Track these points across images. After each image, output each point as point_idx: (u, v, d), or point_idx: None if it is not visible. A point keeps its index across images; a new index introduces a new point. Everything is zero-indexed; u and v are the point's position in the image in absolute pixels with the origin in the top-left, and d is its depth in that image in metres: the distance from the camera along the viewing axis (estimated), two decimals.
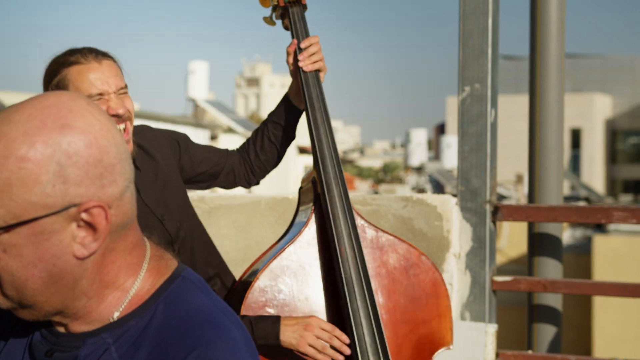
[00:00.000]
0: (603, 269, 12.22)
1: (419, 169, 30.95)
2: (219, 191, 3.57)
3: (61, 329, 1.35)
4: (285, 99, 2.95)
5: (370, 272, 2.72)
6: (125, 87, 2.55)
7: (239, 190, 3.79)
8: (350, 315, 2.59)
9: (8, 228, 1.22)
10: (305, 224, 2.75)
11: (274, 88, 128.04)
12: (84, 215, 1.24)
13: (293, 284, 2.68)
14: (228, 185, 3.05)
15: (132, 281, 1.34)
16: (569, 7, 4.17)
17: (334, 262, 2.66)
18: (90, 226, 1.25)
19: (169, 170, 2.77)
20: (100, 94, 2.47)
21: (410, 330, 2.76)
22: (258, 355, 1.37)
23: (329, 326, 2.57)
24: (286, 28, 2.97)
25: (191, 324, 1.30)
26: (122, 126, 2.51)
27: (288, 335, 2.52)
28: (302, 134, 3.14)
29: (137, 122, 2.71)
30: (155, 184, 2.69)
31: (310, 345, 2.52)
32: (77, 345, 1.32)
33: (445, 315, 2.82)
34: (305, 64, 2.80)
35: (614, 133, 47.36)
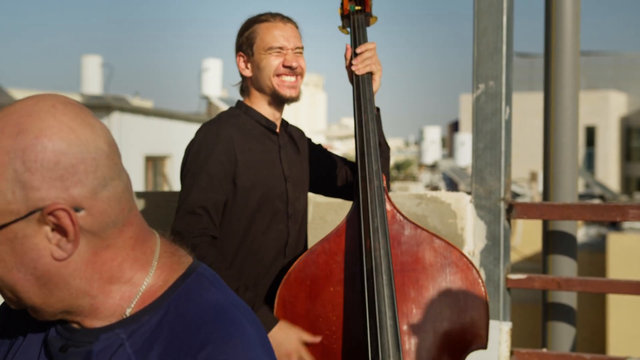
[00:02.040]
0: (617, 267, 12.17)
1: (433, 167, 30.91)
2: None
3: (75, 325, 1.36)
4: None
5: (405, 267, 2.77)
6: (302, 47, 2.97)
7: None
8: (367, 309, 2.63)
9: None
10: (344, 219, 2.83)
11: None
12: (51, 218, 1.25)
13: (325, 275, 2.78)
14: (334, 194, 3.25)
15: (141, 276, 1.35)
16: (582, 4, 4.16)
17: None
18: (61, 228, 1.26)
19: (303, 153, 3.09)
20: (280, 48, 2.91)
21: (442, 327, 2.77)
22: (273, 352, 1.37)
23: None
24: None
25: (204, 320, 1.31)
26: (292, 78, 2.93)
27: (279, 334, 2.68)
28: (318, 134, 3.17)
29: (152, 120, 2.88)
30: (289, 150, 3.02)
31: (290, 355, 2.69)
32: (90, 340, 1.33)
33: (481, 315, 2.81)
34: (357, 68, 2.97)
35: (628, 131, 47.11)
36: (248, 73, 2.96)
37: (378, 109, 3.02)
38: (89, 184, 1.27)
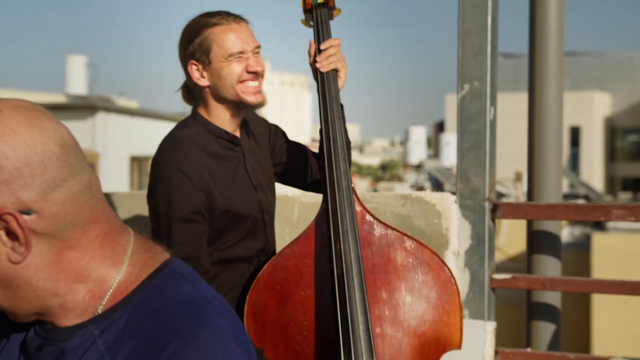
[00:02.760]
0: (602, 267, 12.22)
1: (418, 167, 31.00)
2: None
3: (51, 325, 1.37)
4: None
5: (377, 268, 2.73)
6: (259, 46, 2.77)
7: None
8: (339, 313, 2.59)
9: None
10: (313, 221, 2.78)
11: (273, 86, 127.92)
12: (1, 223, 1.26)
13: (295, 280, 2.72)
14: (303, 186, 3.14)
15: (113, 274, 1.35)
16: (567, 5, 4.18)
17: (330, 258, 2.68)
18: (11, 232, 1.27)
19: (263, 149, 2.95)
20: (241, 52, 2.71)
21: (416, 329, 2.74)
22: (249, 345, 1.36)
23: None
24: None
25: (174, 314, 1.31)
26: (256, 83, 2.75)
27: None
28: (304, 134, 3.16)
29: (137, 120, 2.81)
30: (252, 156, 2.86)
31: None
32: (65, 338, 1.34)
33: (454, 315, 2.79)
34: (322, 65, 2.87)
35: (612, 131, 47.34)
36: (205, 82, 2.74)
37: (342, 106, 2.92)
38: (36, 187, 1.27)
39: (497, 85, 3.85)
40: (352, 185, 2.76)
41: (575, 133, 43.90)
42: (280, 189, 3.16)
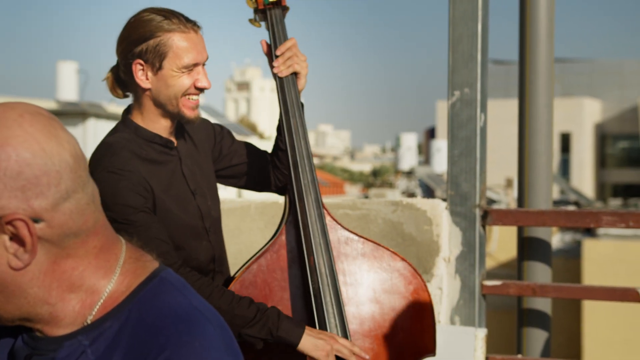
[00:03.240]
0: (592, 273, 12.26)
1: (409, 173, 31.03)
2: None
3: (39, 334, 1.36)
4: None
5: (349, 280, 2.68)
6: (208, 58, 2.64)
7: (229, 195, 3.80)
8: (317, 327, 2.56)
9: None
10: (278, 232, 2.71)
11: (264, 92, 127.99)
12: (9, 228, 1.25)
13: (264, 296, 2.64)
14: (258, 187, 3.02)
15: (104, 284, 1.35)
16: (557, 12, 4.19)
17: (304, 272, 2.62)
18: (18, 238, 1.26)
19: (203, 153, 2.81)
20: (195, 65, 2.56)
21: (391, 339, 2.71)
22: (240, 355, 1.36)
23: (349, 343, 2.55)
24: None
25: (164, 324, 1.31)
26: (198, 97, 2.62)
27: (309, 341, 2.49)
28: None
29: None
30: (189, 160, 2.72)
31: (327, 356, 2.49)
32: (54, 348, 1.34)
33: (427, 324, 2.75)
34: (280, 70, 2.77)
35: (603, 137, 47.49)
36: (147, 85, 2.57)
37: (302, 105, 2.82)
38: (50, 197, 1.27)
39: (487, 92, 3.85)
40: (320, 195, 2.68)
41: (565, 139, 44.02)
42: (271, 194, 3.12)
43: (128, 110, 2.69)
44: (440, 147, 29.37)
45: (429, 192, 27.04)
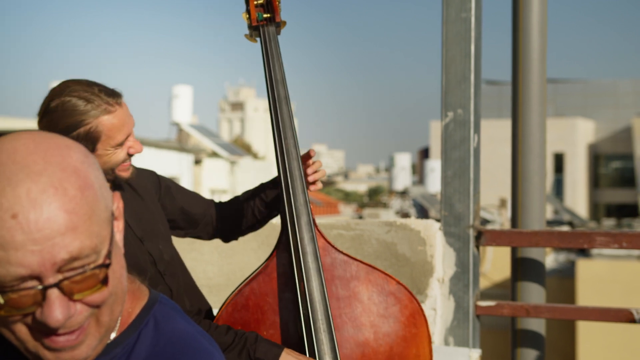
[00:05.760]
0: (586, 293, 12.25)
1: (403, 193, 31.03)
2: None
3: None
4: (274, 180, 2.92)
5: (342, 304, 2.64)
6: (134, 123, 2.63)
7: None
8: (307, 353, 2.54)
9: (110, 254, 1.22)
10: (271, 256, 2.68)
11: (258, 112, 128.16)
12: (116, 211, 1.28)
13: (256, 319, 2.62)
14: (206, 236, 3.05)
15: None
16: (550, 33, 4.21)
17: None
18: (117, 219, 1.28)
19: (149, 199, 2.80)
20: (126, 138, 2.56)
21: None
22: None
23: None
24: None
25: (176, 351, 1.31)
26: (130, 160, 2.62)
27: None
28: None
29: None
30: (131, 209, 2.70)
31: None
32: None
33: (423, 347, 2.71)
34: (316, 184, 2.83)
35: (596, 157, 47.62)
36: None
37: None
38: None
39: (480, 113, 3.87)
40: (313, 217, 2.66)
41: (559, 159, 44.13)
42: None
43: None
44: (434, 167, 29.39)
45: (423, 212, 27.04)
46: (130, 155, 2.61)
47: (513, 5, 4.13)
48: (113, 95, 2.54)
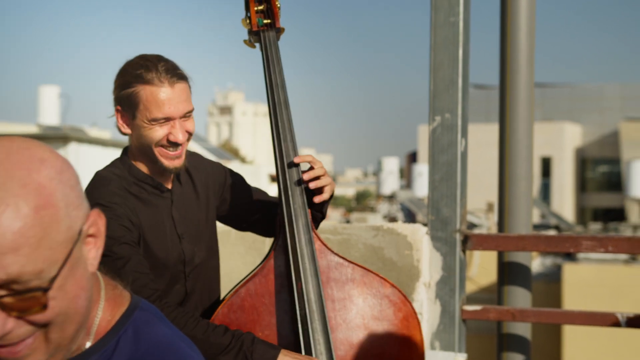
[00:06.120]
0: (573, 297, 12.28)
1: (391, 197, 31.04)
2: None
3: None
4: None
5: (338, 306, 2.67)
6: (192, 110, 2.65)
7: None
8: (303, 353, 2.55)
9: (54, 279, 1.18)
10: (267, 257, 2.70)
11: (247, 116, 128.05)
12: (91, 229, 1.25)
13: (252, 320, 2.63)
14: (265, 234, 3.06)
15: (94, 313, 1.34)
16: (538, 37, 4.23)
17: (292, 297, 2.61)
18: (93, 236, 1.26)
19: (204, 199, 2.82)
20: (166, 119, 2.58)
21: None
22: None
23: None
24: None
25: (156, 356, 1.31)
26: (176, 150, 2.63)
27: None
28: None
29: (109, 150, 2.74)
30: (183, 205, 2.74)
31: None
32: None
33: (416, 350, 2.73)
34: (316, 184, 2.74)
35: (583, 161, 47.79)
36: (128, 130, 2.65)
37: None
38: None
39: (468, 117, 3.88)
40: (310, 220, 2.68)
41: (546, 164, 44.27)
42: None
43: (127, 148, 2.74)
44: (422, 171, 29.40)
45: (410, 216, 27.05)
46: (171, 143, 2.60)
47: (501, 9, 4.15)
48: (172, 73, 2.59)
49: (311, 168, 2.76)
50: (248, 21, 2.88)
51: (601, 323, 3.60)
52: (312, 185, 2.71)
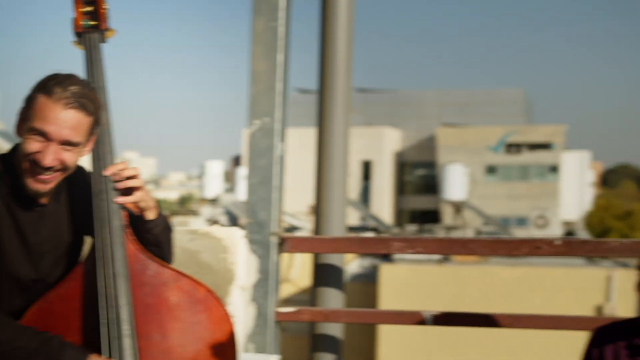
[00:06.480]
0: (389, 297, 12.66)
1: (214, 201, 30.97)
2: None
3: None
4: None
5: (149, 309, 2.64)
6: (77, 144, 2.49)
7: None
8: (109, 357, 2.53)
9: None
10: (81, 262, 2.65)
11: None
12: None
13: (62, 325, 2.58)
14: None
15: None
16: (360, 42, 4.33)
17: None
18: None
19: (78, 218, 2.70)
20: (43, 135, 2.44)
21: None
22: None
23: None
24: None
25: None
26: (46, 174, 2.48)
27: None
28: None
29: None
30: (53, 222, 2.64)
31: None
32: None
33: (229, 353, 2.74)
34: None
35: (402, 165, 49.38)
36: (19, 134, 2.53)
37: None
38: None
39: (287, 122, 3.93)
40: (124, 222, 2.64)
41: (366, 167, 45.42)
42: None
43: (17, 146, 2.58)
44: (245, 174, 29.53)
45: (234, 220, 27.07)
46: (38, 165, 2.45)
47: (321, 16, 4.21)
48: (74, 99, 2.46)
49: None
50: (73, 22, 2.80)
51: (409, 322, 3.74)
52: (119, 185, 2.66)
